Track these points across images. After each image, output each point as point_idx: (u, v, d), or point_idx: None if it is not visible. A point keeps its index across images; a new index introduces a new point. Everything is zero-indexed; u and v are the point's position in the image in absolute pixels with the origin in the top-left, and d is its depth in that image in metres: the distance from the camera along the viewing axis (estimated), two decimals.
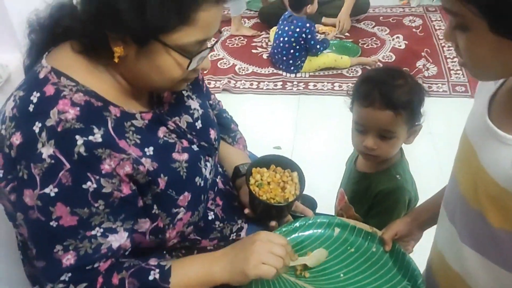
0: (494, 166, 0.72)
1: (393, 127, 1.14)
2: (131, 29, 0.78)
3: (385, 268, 1.01)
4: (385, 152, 1.19)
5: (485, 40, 0.63)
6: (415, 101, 1.14)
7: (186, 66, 0.85)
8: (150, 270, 0.87)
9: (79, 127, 0.80)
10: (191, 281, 0.91)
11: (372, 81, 1.16)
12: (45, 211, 0.80)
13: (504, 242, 0.76)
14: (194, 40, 0.83)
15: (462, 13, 0.63)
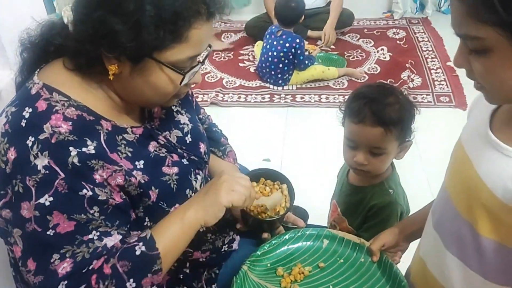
0: (493, 176, 0.75)
1: (383, 144, 1.16)
2: (126, 49, 0.81)
3: (373, 279, 1.03)
4: (376, 167, 1.21)
5: (509, 61, 0.64)
6: (405, 118, 1.17)
7: (179, 82, 0.88)
8: (134, 246, 0.86)
9: (72, 139, 0.82)
10: (175, 236, 0.90)
11: (363, 98, 1.18)
12: (42, 221, 0.80)
13: (488, 251, 0.79)
14: (186, 57, 0.86)
15: (483, 35, 0.63)
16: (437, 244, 0.90)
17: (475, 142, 0.81)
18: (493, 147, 0.75)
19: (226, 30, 3.85)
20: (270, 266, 1.08)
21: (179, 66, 0.87)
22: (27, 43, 0.95)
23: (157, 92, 0.90)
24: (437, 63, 3.20)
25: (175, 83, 0.89)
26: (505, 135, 0.75)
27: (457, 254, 0.86)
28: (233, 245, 1.15)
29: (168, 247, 0.89)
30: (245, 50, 3.55)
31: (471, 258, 0.83)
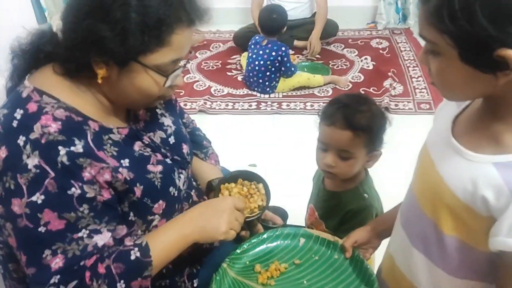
0: (454, 179, 0.80)
1: (351, 148, 1.22)
2: (114, 53, 0.87)
3: (345, 274, 1.09)
4: (343, 171, 1.26)
5: (455, 66, 0.70)
6: (375, 126, 1.23)
7: (163, 84, 0.95)
8: (130, 251, 0.93)
9: (61, 139, 0.87)
10: (169, 247, 0.99)
11: (338, 103, 1.25)
12: (34, 218, 0.86)
13: (451, 248, 0.85)
14: (169, 60, 0.93)
15: (436, 40, 0.70)
16: (405, 242, 0.96)
17: (438, 146, 0.86)
18: (455, 151, 0.80)
19: (215, 40, 3.93)
20: (249, 264, 1.14)
21: (163, 69, 0.93)
22: (18, 50, 1.00)
23: (142, 94, 0.96)
24: (418, 72, 3.29)
25: (159, 85, 0.95)
26: (465, 140, 0.79)
27: (422, 251, 0.91)
28: (214, 243, 1.21)
29: (160, 256, 0.96)
30: (233, 59, 3.62)
31: (435, 255, 0.88)
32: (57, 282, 0.87)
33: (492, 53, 0.65)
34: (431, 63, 0.75)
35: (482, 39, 0.65)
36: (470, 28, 0.64)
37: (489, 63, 0.67)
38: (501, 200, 0.72)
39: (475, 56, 0.67)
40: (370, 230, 1.14)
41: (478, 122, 0.80)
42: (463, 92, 0.76)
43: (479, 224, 0.78)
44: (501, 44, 0.64)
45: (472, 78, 0.70)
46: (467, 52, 0.68)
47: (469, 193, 0.76)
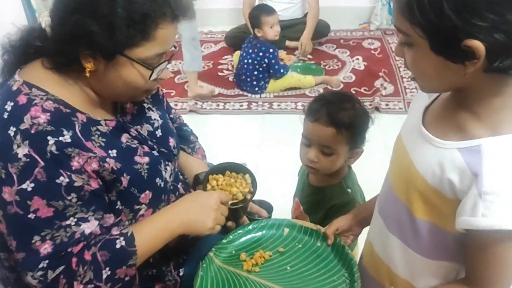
0: (424, 164, 0.84)
1: (333, 144, 1.26)
2: (101, 47, 0.91)
3: (327, 260, 1.12)
4: (325, 167, 1.30)
5: (427, 57, 0.74)
6: (357, 124, 1.27)
7: (149, 76, 0.98)
8: (115, 240, 0.96)
9: (50, 130, 0.90)
10: (154, 239, 1.02)
11: (322, 100, 1.30)
12: (23, 205, 0.89)
13: (423, 231, 0.89)
14: (154, 54, 0.96)
15: (409, 32, 0.74)
16: (381, 228, 1.00)
17: (411, 135, 0.91)
18: (424, 139, 0.85)
19: (207, 40, 3.95)
20: (235, 253, 1.17)
21: (148, 62, 0.97)
22: (8, 46, 1.03)
23: (128, 86, 0.99)
24: (409, 72, 3.29)
25: (145, 78, 0.98)
26: (433, 129, 0.85)
27: (398, 235, 0.95)
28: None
29: (145, 247, 0.99)
30: (225, 60, 3.64)
31: (409, 238, 0.92)
32: (45, 266, 0.90)
33: (460, 43, 0.69)
34: (406, 55, 0.79)
35: (450, 30, 0.68)
36: (438, 20, 0.68)
37: (458, 53, 0.70)
38: (465, 182, 0.77)
39: (444, 47, 0.71)
40: (351, 218, 1.17)
41: (445, 112, 0.85)
42: (437, 82, 0.80)
43: (447, 207, 0.82)
44: (468, 35, 0.68)
45: (444, 68, 0.74)
46: (437, 43, 0.72)
47: (437, 177, 0.81)
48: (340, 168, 1.35)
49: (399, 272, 0.97)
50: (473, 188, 0.75)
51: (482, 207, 0.73)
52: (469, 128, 0.78)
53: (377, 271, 1.05)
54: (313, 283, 1.07)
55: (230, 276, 1.10)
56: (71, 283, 0.92)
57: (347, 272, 1.08)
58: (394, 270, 0.98)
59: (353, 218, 1.17)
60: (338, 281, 1.06)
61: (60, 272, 0.91)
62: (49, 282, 0.91)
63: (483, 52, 0.68)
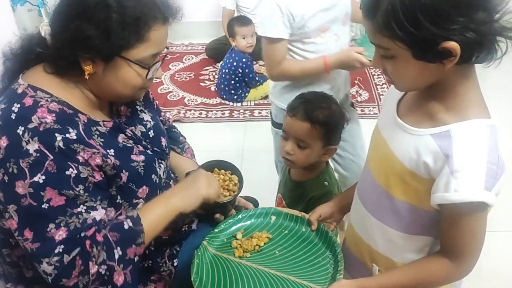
0: (401, 151, 0.94)
1: (308, 139, 1.37)
2: (99, 50, 0.98)
3: (312, 243, 1.21)
4: (300, 159, 1.40)
5: (409, 63, 0.84)
6: (331, 123, 1.38)
7: (145, 75, 1.06)
8: (123, 222, 1.04)
9: (57, 128, 0.97)
10: (158, 217, 1.10)
11: (302, 98, 1.41)
12: (37, 196, 0.95)
13: (402, 211, 0.98)
14: (148, 54, 1.04)
15: (389, 46, 0.84)
16: (362, 210, 1.09)
17: (388, 126, 1.01)
18: (400, 128, 0.95)
19: (187, 52, 4.04)
20: (226, 241, 1.25)
21: (144, 62, 1.04)
22: (9, 54, 1.10)
23: (126, 86, 1.06)
24: (383, 79, 3.48)
25: (142, 77, 1.06)
26: (407, 118, 0.95)
27: (377, 216, 1.05)
28: (192, 226, 1.31)
29: (150, 225, 1.07)
30: (205, 70, 3.74)
31: (388, 218, 1.02)
32: (61, 251, 0.96)
33: (437, 46, 0.79)
34: (387, 65, 0.89)
35: (428, 38, 0.79)
36: (417, 31, 0.79)
37: (437, 55, 0.81)
38: (438, 163, 0.87)
39: (425, 52, 0.81)
40: (333, 206, 1.27)
41: (417, 103, 0.95)
42: (417, 82, 0.90)
43: (423, 187, 0.92)
44: (444, 38, 0.78)
45: (425, 70, 0.85)
46: (418, 50, 0.82)
47: (414, 161, 0.91)
48: (318, 163, 1.46)
49: (379, 249, 1.06)
50: (445, 168, 0.85)
51: (454, 183, 0.84)
52: (439, 116, 0.89)
53: (359, 250, 1.14)
54: (301, 265, 1.15)
55: (223, 262, 1.18)
56: (86, 264, 0.97)
57: (331, 253, 1.16)
58: (375, 247, 1.07)
59: (335, 205, 1.26)
60: (323, 262, 1.15)
61: (76, 255, 0.97)
62: (65, 265, 0.96)
63: (459, 50, 0.78)
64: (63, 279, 0.97)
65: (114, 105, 1.18)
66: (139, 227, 1.04)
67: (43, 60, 1.07)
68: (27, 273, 1.12)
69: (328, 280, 1.10)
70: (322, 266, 1.14)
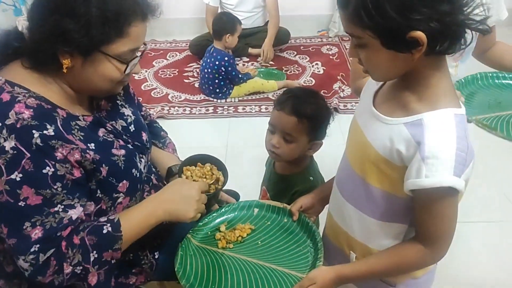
0: (376, 139, 0.97)
1: (294, 132, 1.39)
2: (79, 44, 0.99)
3: (293, 233, 1.24)
4: (285, 153, 1.43)
5: (380, 52, 0.86)
6: (318, 118, 1.41)
7: (124, 70, 1.06)
8: (103, 226, 1.04)
9: (34, 124, 0.97)
10: (138, 225, 1.10)
11: (290, 93, 1.44)
12: (13, 194, 0.95)
13: (377, 198, 1.01)
14: (127, 49, 1.05)
15: (361, 35, 0.87)
16: (339, 199, 1.12)
17: (364, 115, 1.04)
18: (375, 117, 0.98)
19: (171, 49, 4.04)
20: (210, 234, 1.27)
21: (123, 57, 1.05)
22: None
23: (105, 80, 1.07)
24: None
25: (121, 71, 1.07)
26: (382, 108, 0.98)
27: (354, 204, 1.07)
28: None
29: (130, 232, 1.08)
30: (189, 67, 3.75)
31: (364, 205, 1.05)
32: (37, 250, 0.97)
33: (405, 36, 0.82)
34: (361, 54, 0.92)
35: (395, 27, 0.82)
36: (384, 21, 0.82)
37: (405, 45, 0.84)
38: (410, 150, 0.90)
39: (393, 41, 0.84)
40: (314, 197, 1.29)
41: (392, 94, 0.98)
42: (390, 72, 0.93)
43: (396, 174, 0.94)
44: (410, 28, 0.81)
45: (395, 59, 0.87)
46: (387, 39, 0.85)
47: (388, 149, 0.94)
48: (303, 158, 1.48)
49: (356, 236, 1.09)
50: (417, 155, 0.88)
51: (425, 169, 0.86)
52: (412, 106, 0.92)
53: (337, 238, 1.16)
54: (282, 254, 1.18)
55: (207, 253, 1.20)
56: (61, 264, 0.99)
57: (312, 242, 1.19)
58: (352, 235, 1.10)
59: (315, 197, 1.29)
60: (304, 250, 1.18)
61: (50, 255, 0.98)
62: (40, 264, 0.97)
63: (425, 39, 0.81)
64: (38, 277, 0.98)
65: (95, 100, 1.18)
66: (117, 233, 1.05)
67: (21, 56, 1.06)
68: (7, 267, 1.12)
69: (308, 267, 1.12)
70: (303, 255, 1.17)
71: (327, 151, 1.59)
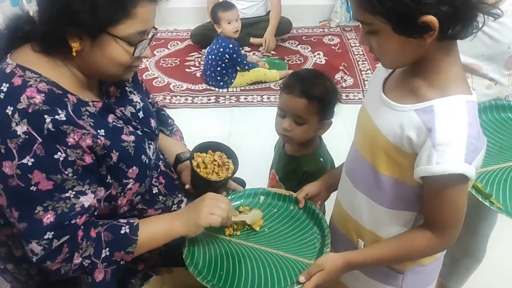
0: (386, 126, 0.97)
1: (305, 114, 1.40)
2: (86, 25, 0.99)
3: (300, 220, 1.25)
4: (298, 135, 1.44)
5: (392, 39, 0.87)
6: (327, 98, 1.42)
7: (132, 53, 1.06)
8: (121, 226, 1.06)
9: (46, 109, 0.97)
10: (156, 234, 1.12)
11: (297, 76, 1.45)
12: (25, 178, 0.95)
13: (386, 186, 1.01)
14: (135, 31, 1.04)
15: (371, 22, 0.87)
16: (349, 187, 1.12)
17: (373, 103, 1.04)
18: (385, 104, 0.98)
19: (172, 38, 4.02)
20: None
21: (131, 39, 1.04)
22: None
23: (113, 63, 1.06)
24: (367, 65, 3.52)
25: (129, 54, 1.06)
26: (392, 95, 0.98)
27: (364, 191, 1.08)
28: (182, 205, 1.33)
29: (146, 239, 1.10)
30: (191, 56, 3.73)
31: (374, 193, 1.05)
32: (51, 237, 0.98)
33: (416, 21, 0.82)
34: (372, 42, 0.92)
35: (406, 12, 0.82)
36: (395, 6, 0.82)
37: (416, 29, 0.84)
38: (421, 137, 0.90)
39: (404, 26, 0.84)
40: (320, 184, 1.30)
41: (402, 81, 0.98)
42: (401, 58, 0.93)
43: (406, 161, 0.95)
44: (421, 12, 0.81)
45: (407, 45, 0.87)
46: (398, 25, 0.85)
47: (398, 136, 0.94)
48: (313, 139, 1.50)
49: (365, 224, 1.10)
50: (428, 141, 0.88)
51: (435, 156, 0.87)
52: (422, 92, 0.92)
53: (346, 226, 1.17)
54: (289, 241, 1.19)
55: (214, 241, 1.21)
56: (72, 253, 1.00)
57: (318, 229, 1.20)
58: (361, 223, 1.11)
59: (322, 184, 1.30)
60: (310, 237, 1.19)
61: (64, 241, 0.99)
62: (52, 249, 0.98)
63: (437, 23, 0.81)
64: (47, 261, 0.99)
65: (104, 86, 1.18)
66: (134, 236, 1.07)
67: (31, 40, 1.06)
68: (16, 252, 1.13)
69: (316, 254, 1.13)
70: (310, 241, 1.18)
71: (329, 141, 1.60)
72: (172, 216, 1.18)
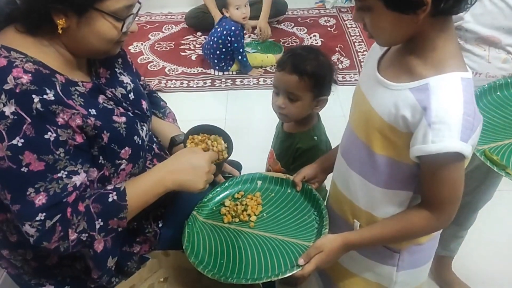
0: (380, 105, 0.96)
1: (298, 91, 1.40)
2: (72, 1, 0.96)
3: (298, 203, 1.24)
4: (292, 112, 1.43)
5: (384, 15, 0.85)
6: (320, 74, 1.40)
7: (120, 28, 1.04)
8: (108, 194, 1.04)
9: (34, 89, 0.95)
10: (145, 194, 1.10)
11: (290, 52, 1.44)
12: (16, 159, 0.93)
13: (381, 165, 1.00)
14: (122, 6, 1.02)
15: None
16: (344, 167, 1.11)
17: (368, 82, 1.02)
18: (380, 83, 0.96)
19: (167, 21, 3.97)
20: (215, 209, 1.27)
21: (119, 14, 1.02)
22: None
23: (102, 39, 1.04)
24: (364, 47, 3.48)
25: (117, 29, 1.04)
26: (387, 74, 0.96)
27: (359, 172, 1.07)
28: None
29: (136, 202, 1.07)
30: (186, 40, 3.69)
31: (369, 173, 1.04)
32: (43, 218, 0.96)
33: None
34: (366, 19, 0.90)
35: None
36: None
37: (409, 5, 0.82)
38: (416, 116, 0.88)
39: (397, 2, 0.83)
40: (316, 167, 1.29)
41: (397, 59, 0.96)
42: (395, 35, 0.91)
43: (401, 140, 0.93)
44: None
45: (400, 22, 0.86)
46: (391, 0, 0.83)
47: (393, 115, 0.93)
48: (310, 117, 1.50)
49: (361, 204, 1.09)
50: (423, 120, 0.86)
51: (431, 135, 0.85)
52: (417, 70, 0.90)
53: (341, 207, 1.16)
54: (288, 225, 1.18)
55: (213, 229, 1.21)
56: (66, 231, 0.99)
57: (316, 211, 1.19)
58: (356, 203, 1.10)
59: (318, 167, 1.29)
60: (309, 219, 1.18)
61: (56, 221, 0.97)
62: (46, 230, 0.97)
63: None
64: (44, 242, 0.98)
65: (93, 67, 1.16)
66: (123, 202, 1.04)
67: (14, 21, 1.03)
68: (11, 237, 1.12)
69: (314, 235, 1.13)
70: (309, 223, 1.17)
71: (326, 123, 1.58)
72: (162, 173, 1.12)
